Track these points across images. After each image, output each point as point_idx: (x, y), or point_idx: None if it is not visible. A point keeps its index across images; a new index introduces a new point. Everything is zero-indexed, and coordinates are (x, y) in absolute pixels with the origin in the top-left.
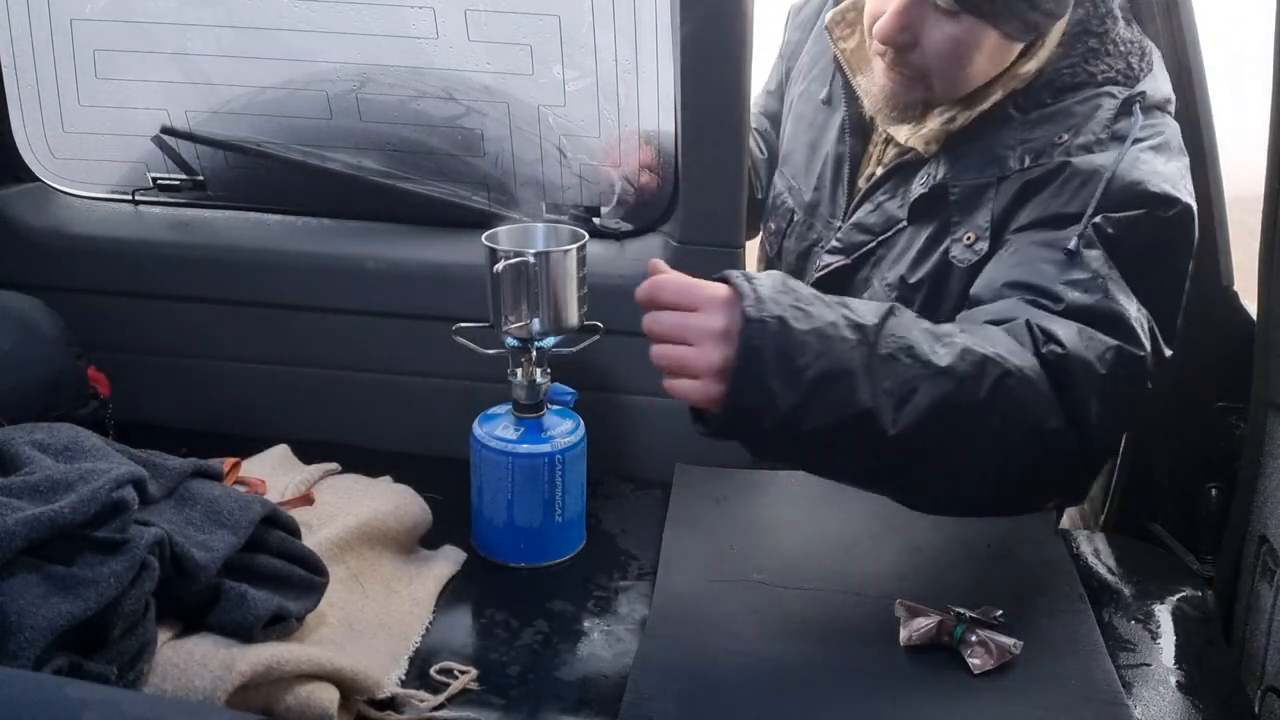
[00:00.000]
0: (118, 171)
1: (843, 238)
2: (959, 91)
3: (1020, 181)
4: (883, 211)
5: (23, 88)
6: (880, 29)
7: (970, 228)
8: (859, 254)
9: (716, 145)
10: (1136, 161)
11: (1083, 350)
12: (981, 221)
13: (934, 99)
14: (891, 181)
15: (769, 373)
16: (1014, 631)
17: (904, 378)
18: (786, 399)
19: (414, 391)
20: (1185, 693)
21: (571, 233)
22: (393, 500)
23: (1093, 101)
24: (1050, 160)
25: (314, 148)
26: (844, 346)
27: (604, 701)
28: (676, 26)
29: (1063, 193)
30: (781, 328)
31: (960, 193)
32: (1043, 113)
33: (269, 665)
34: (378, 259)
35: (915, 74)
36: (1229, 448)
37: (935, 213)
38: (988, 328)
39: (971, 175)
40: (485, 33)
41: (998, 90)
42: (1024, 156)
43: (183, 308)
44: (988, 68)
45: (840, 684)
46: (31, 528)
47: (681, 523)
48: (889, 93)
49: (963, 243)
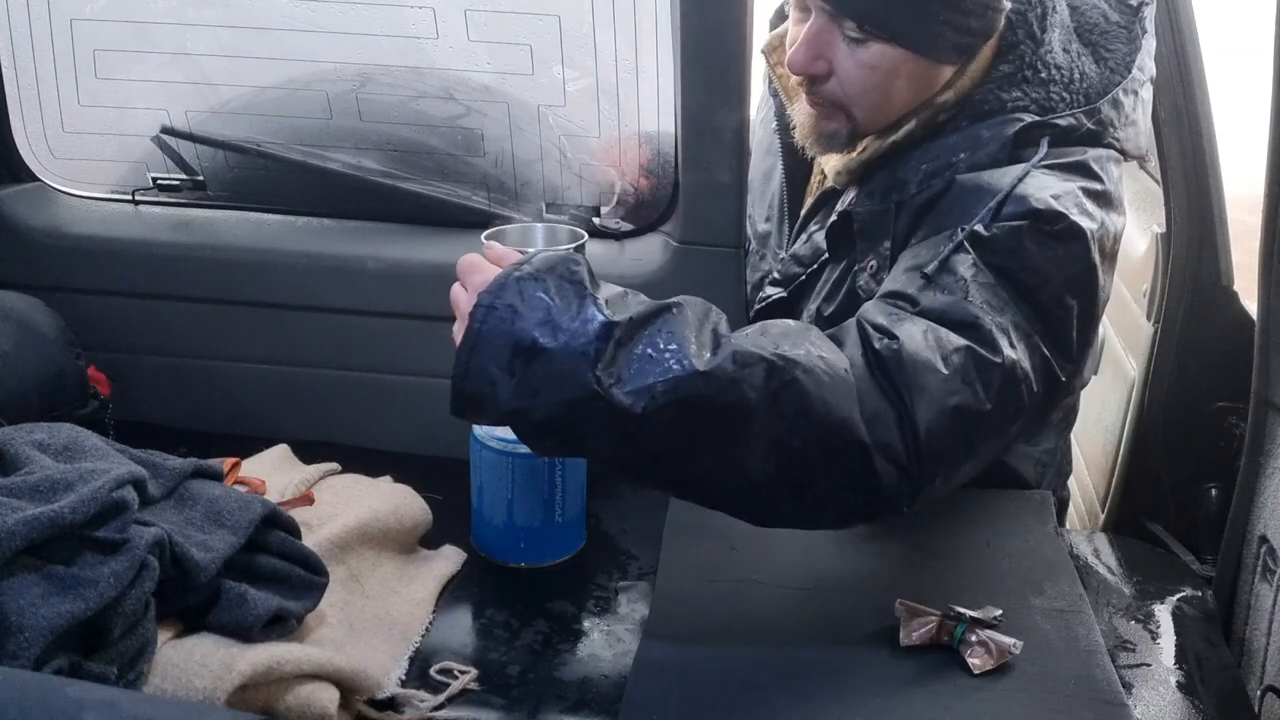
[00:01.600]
0: (118, 171)
1: (782, 269)
2: (884, 120)
3: (915, 205)
4: (812, 243)
5: (23, 88)
6: (791, 60)
7: (873, 255)
8: (794, 286)
9: (716, 145)
10: (1027, 178)
11: (923, 347)
12: (883, 249)
13: (860, 129)
14: (821, 212)
15: (493, 361)
16: (1014, 631)
17: (650, 376)
18: (507, 389)
19: (414, 391)
20: (1185, 693)
21: (570, 232)
22: (393, 500)
23: (998, 127)
24: (944, 180)
25: (314, 148)
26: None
27: (604, 701)
28: (676, 26)
29: (953, 210)
30: (512, 316)
31: (861, 220)
32: (948, 140)
33: (269, 665)
34: (378, 259)
35: (834, 104)
36: (1229, 448)
37: (847, 242)
38: (802, 329)
39: (875, 202)
40: (485, 33)
41: (911, 120)
42: (921, 181)
43: (183, 308)
44: (909, 96)
45: (840, 684)
46: (31, 528)
47: (681, 523)
48: (812, 123)
49: (866, 271)
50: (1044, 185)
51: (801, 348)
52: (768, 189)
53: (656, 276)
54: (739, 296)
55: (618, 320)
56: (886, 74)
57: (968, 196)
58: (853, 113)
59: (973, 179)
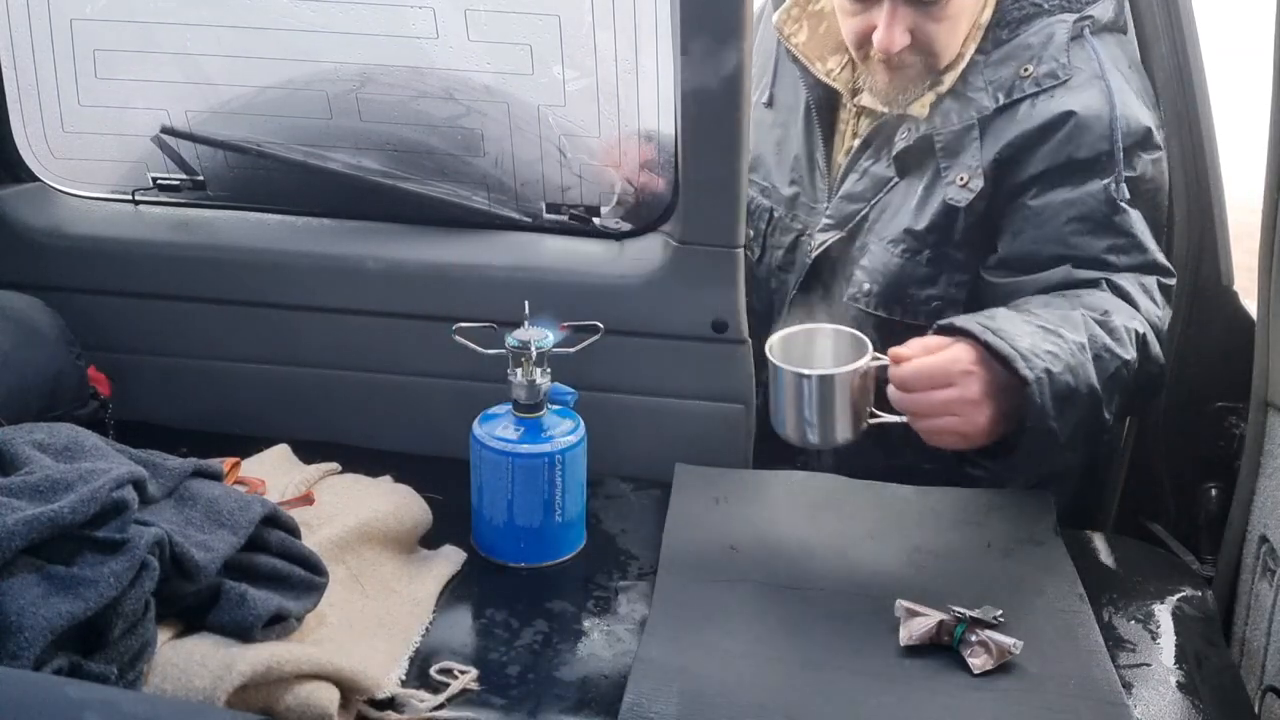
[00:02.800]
0: (118, 171)
1: (833, 213)
2: (955, 52)
3: (1001, 120)
4: (870, 176)
5: (23, 88)
6: (882, 43)
7: (960, 169)
8: (853, 224)
9: (716, 145)
10: (1124, 96)
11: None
12: (970, 161)
13: (937, 69)
14: (872, 146)
15: (1048, 417)
16: (1014, 631)
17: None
18: (1058, 427)
19: (414, 391)
20: (1185, 693)
21: (853, 338)
22: (393, 500)
23: (1044, 32)
24: (1020, 93)
25: (314, 148)
26: (1087, 370)
27: (604, 701)
28: (676, 26)
29: (1069, 142)
30: (1049, 378)
31: (945, 139)
32: (1002, 51)
33: (269, 665)
34: (378, 259)
35: (917, 62)
36: (1229, 448)
37: (924, 162)
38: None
39: (952, 121)
40: (485, 33)
41: (969, 44)
42: (996, 94)
43: (183, 308)
44: (971, 21)
45: (840, 684)
46: (31, 528)
47: (681, 523)
48: (898, 86)
49: (956, 184)
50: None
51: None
52: (784, 155)
53: (656, 276)
54: (739, 296)
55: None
56: (956, 16)
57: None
58: (933, 61)
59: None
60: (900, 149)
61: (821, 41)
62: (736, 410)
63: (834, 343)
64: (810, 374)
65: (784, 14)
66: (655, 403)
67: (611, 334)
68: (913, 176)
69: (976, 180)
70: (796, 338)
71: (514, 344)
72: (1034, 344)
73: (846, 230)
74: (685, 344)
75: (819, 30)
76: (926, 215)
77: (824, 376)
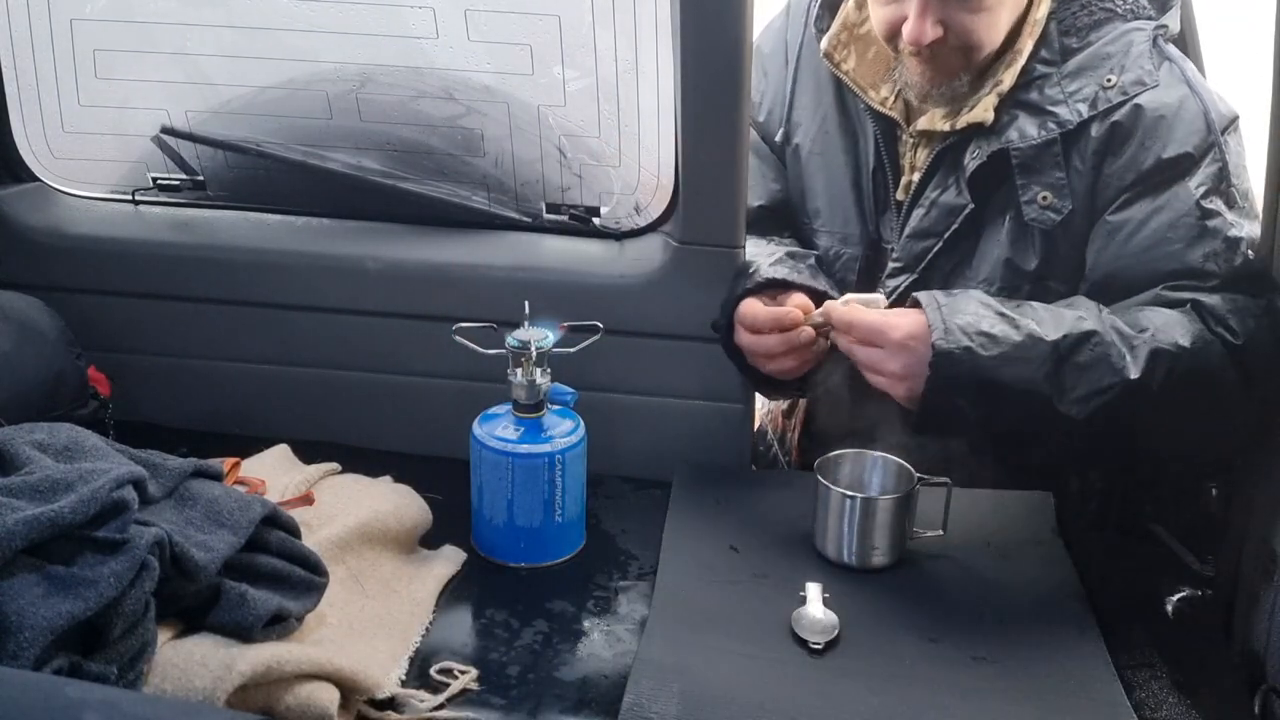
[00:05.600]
0: (118, 171)
1: (900, 254)
2: (996, 43)
3: (1091, 133)
4: (939, 207)
5: (23, 88)
6: (912, 34)
7: (1041, 187)
8: (924, 264)
9: (716, 145)
10: (1209, 91)
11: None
12: (1053, 180)
13: (978, 67)
14: (937, 176)
15: (957, 394)
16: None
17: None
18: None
19: (414, 391)
20: (1185, 693)
21: (899, 469)
22: (393, 500)
23: (1122, 40)
24: (1107, 103)
25: (314, 148)
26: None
27: (604, 701)
28: (676, 26)
29: (1157, 141)
30: (969, 357)
31: (1022, 155)
32: (1076, 60)
33: (269, 665)
34: (378, 259)
35: (953, 55)
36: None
37: (999, 183)
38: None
39: (1030, 135)
40: (485, 33)
41: (1026, 39)
42: (1078, 107)
43: (183, 308)
44: (1010, 16)
45: (840, 684)
46: (31, 528)
47: (681, 523)
48: (932, 80)
49: (1037, 203)
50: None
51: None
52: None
53: (656, 276)
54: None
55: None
56: (994, 8)
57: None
58: (972, 56)
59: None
60: (973, 169)
61: (872, 68)
62: (736, 410)
63: (882, 467)
64: (856, 496)
65: (833, 39)
66: (655, 403)
67: (611, 334)
68: (989, 201)
69: (1062, 200)
70: (845, 458)
71: (514, 344)
72: (969, 323)
73: (918, 273)
74: (685, 344)
75: (867, 56)
76: (1015, 242)
77: (868, 499)
